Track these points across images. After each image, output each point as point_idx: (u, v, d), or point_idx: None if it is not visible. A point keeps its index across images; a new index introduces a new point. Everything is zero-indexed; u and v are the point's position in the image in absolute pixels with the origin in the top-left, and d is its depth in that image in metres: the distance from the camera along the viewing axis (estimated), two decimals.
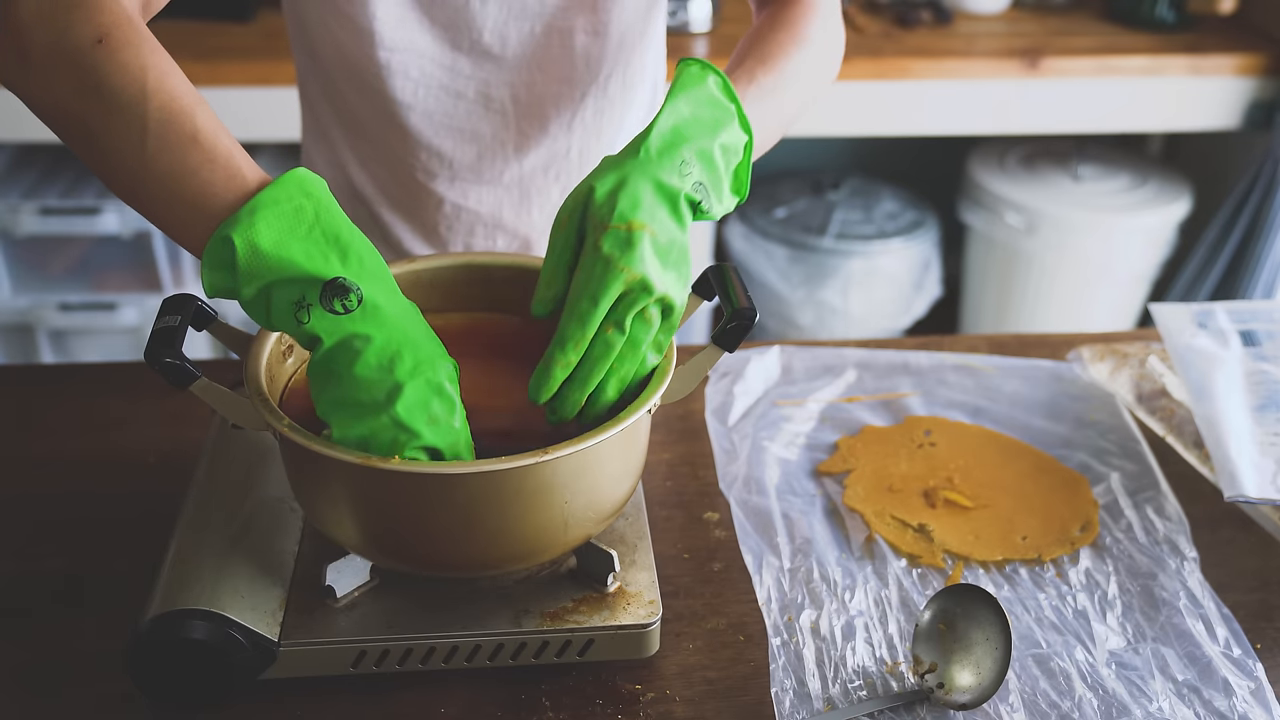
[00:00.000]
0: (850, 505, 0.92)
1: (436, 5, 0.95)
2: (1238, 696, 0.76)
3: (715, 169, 0.74)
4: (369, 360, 0.66)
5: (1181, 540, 0.89)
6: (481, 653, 0.74)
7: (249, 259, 0.64)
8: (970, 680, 0.75)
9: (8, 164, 2.21)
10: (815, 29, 0.87)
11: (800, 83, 0.85)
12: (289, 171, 0.66)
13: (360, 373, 0.65)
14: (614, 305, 0.69)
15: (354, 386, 0.66)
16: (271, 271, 0.64)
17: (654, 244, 0.69)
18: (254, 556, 0.77)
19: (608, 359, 0.71)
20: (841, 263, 2.41)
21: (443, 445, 0.67)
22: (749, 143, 0.76)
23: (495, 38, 0.97)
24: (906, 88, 2.12)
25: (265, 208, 0.64)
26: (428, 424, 0.67)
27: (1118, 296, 2.44)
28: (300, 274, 0.65)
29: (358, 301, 0.65)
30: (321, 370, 0.66)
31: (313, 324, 0.65)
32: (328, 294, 0.65)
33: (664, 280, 0.70)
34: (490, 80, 0.99)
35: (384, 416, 0.66)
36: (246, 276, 0.65)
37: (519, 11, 0.96)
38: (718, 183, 0.74)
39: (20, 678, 0.75)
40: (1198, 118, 2.21)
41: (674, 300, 0.71)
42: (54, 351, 2.22)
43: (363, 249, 0.67)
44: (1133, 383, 1.06)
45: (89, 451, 0.96)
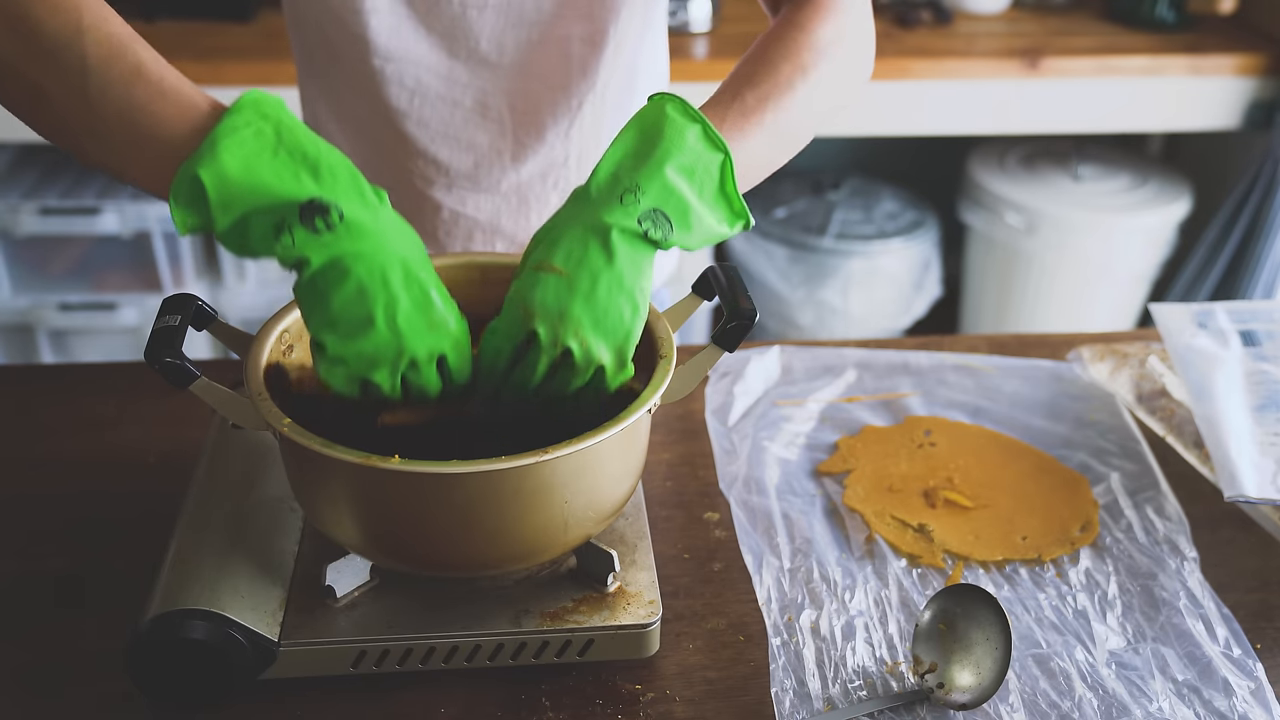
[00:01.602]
0: (850, 505, 0.92)
1: (434, 14, 0.95)
2: (1238, 696, 0.76)
3: (675, 194, 0.70)
4: (360, 276, 0.65)
5: (1181, 540, 0.89)
6: (481, 653, 0.74)
7: (219, 191, 0.63)
8: (970, 680, 0.75)
9: (8, 164, 2.21)
10: (828, 32, 0.82)
11: (803, 96, 0.80)
12: (242, 96, 0.65)
13: (353, 289, 0.65)
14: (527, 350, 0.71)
15: (347, 306, 0.66)
16: (245, 199, 0.64)
17: (561, 281, 0.69)
18: (254, 556, 0.77)
19: (526, 383, 0.71)
20: (841, 263, 2.41)
21: (447, 348, 0.68)
22: (726, 161, 0.72)
23: (493, 45, 0.97)
24: (906, 88, 2.12)
25: (225, 137, 0.63)
26: (428, 330, 0.67)
27: (1118, 296, 2.44)
28: (275, 198, 0.64)
29: (339, 218, 0.65)
30: (311, 291, 0.66)
31: (298, 246, 0.64)
32: (307, 215, 0.64)
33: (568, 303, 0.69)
34: (487, 89, 0.99)
35: (383, 331, 0.66)
36: (220, 208, 0.64)
37: (516, 19, 0.96)
38: (682, 208, 0.70)
39: (21, 678, 0.75)
40: (1198, 118, 2.21)
41: (588, 321, 0.69)
42: (54, 351, 2.22)
43: (334, 162, 0.66)
44: (1133, 383, 1.06)
45: (89, 451, 0.96)
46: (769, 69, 0.79)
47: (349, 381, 0.68)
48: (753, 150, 0.77)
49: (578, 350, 0.69)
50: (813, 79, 0.80)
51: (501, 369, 0.72)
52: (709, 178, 0.72)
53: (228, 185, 0.63)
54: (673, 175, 0.70)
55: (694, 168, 0.71)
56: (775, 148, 0.80)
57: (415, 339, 0.67)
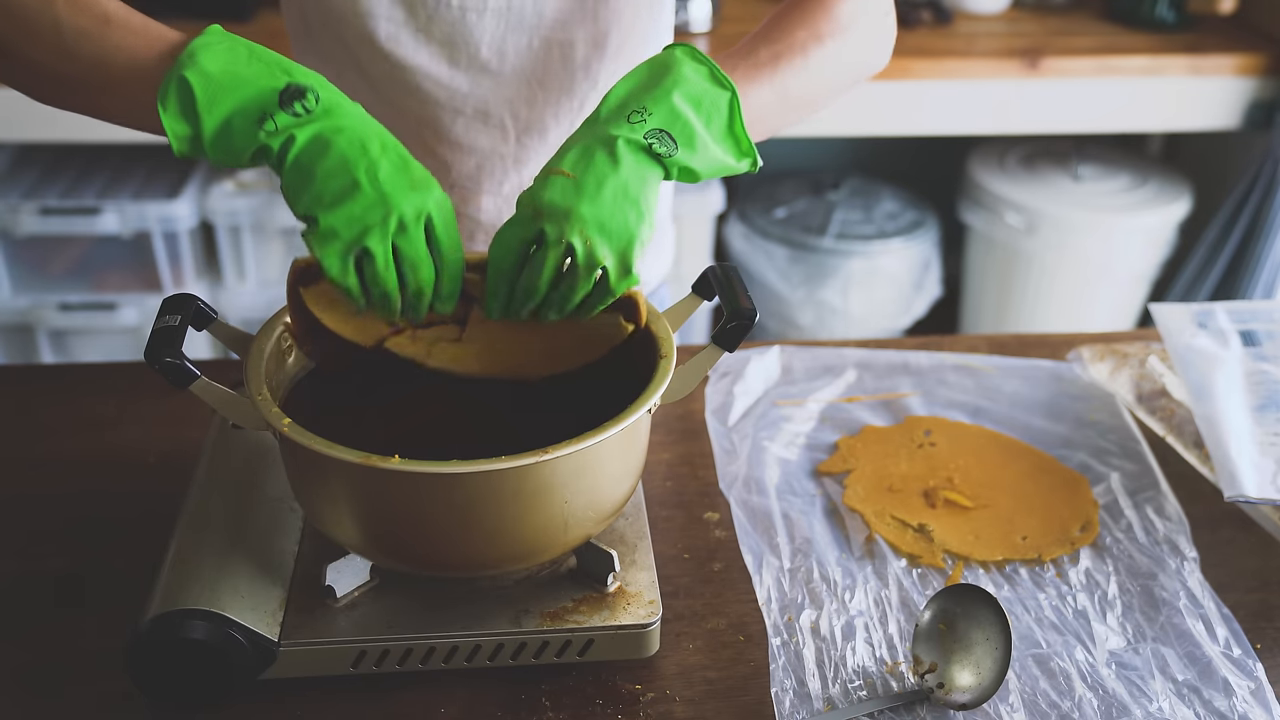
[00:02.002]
0: (850, 505, 0.92)
1: (434, 21, 0.94)
2: (1238, 696, 0.76)
3: (681, 118, 0.74)
4: (341, 147, 0.70)
5: (1181, 540, 0.89)
6: (481, 653, 0.74)
7: (205, 88, 0.69)
8: (970, 680, 0.75)
9: (8, 164, 2.21)
10: (848, 9, 0.86)
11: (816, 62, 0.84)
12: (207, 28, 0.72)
13: (335, 160, 0.69)
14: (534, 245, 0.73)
15: (332, 175, 0.69)
16: (228, 91, 0.69)
17: (568, 182, 0.72)
18: (254, 556, 0.77)
19: (536, 291, 0.74)
20: (841, 263, 2.41)
21: (431, 208, 0.71)
22: (733, 99, 0.76)
23: (493, 52, 0.96)
24: (906, 88, 2.12)
25: (202, 49, 0.70)
26: (411, 188, 0.70)
27: (1118, 296, 2.44)
28: (256, 89, 0.70)
29: (316, 100, 0.70)
30: (297, 171, 0.70)
31: (282, 129, 0.69)
32: (287, 99, 0.70)
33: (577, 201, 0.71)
34: (488, 98, 0.98)
35: (368, 191, 0.69)
36: (206, 106, 0.69)
37: (516, 24, 0.95)
38: (689, 132, 0.74)
39: (21, 677, 0.75)
40: (1198, 118, 2.21)
41: (594, 219, 0.71)
42: (54, 351, 2.22)
43: (302, 67, 0.72)
44: (1133, 383, 1.06)
45: (89, 451, 0.96)
46: (784, 33, 0.85)
47: (344, 259, 0.70)
48: (761, 100, 0.82)
49: (580, 247, 0.71)
50: (829, 48, 0.85)
51: (510, 269, 0.74)
52: (717, 113, 0.76)
53: (211, 82, 0.69)
54: (679, 102, 0.74)
55: (701, 99, 0.75)
56: (784, 105, 0.85)
57: (399, 197, 0.70)
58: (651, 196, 0.74)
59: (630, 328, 0.79)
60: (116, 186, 2.16)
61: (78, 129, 2.00)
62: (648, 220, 0.73)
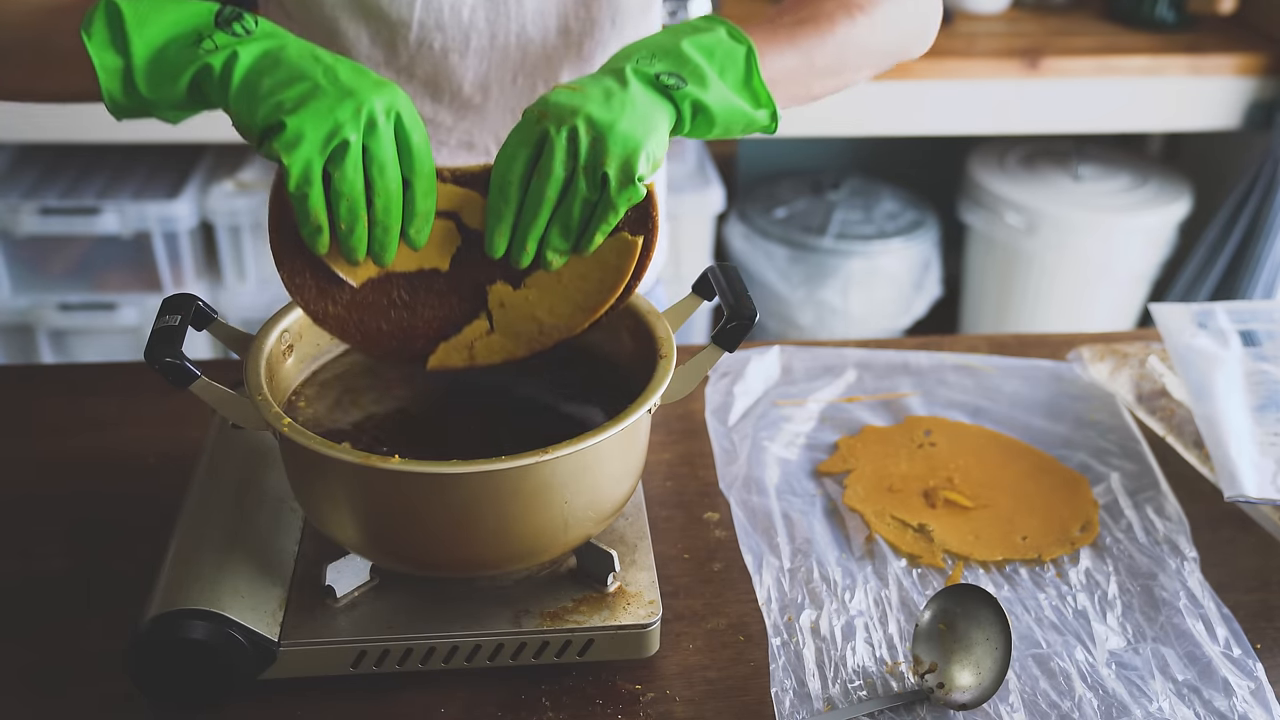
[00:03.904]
0: (850, 505, 0.92)
1: (416, 62, 0.94)
2: (1238, 696, 0.76)
3: (691, 61, 0.72)
4: (292, 58, 0.68)
5: (1181, 540, 0.89)
6: (481, 653, 0.74)
7: (133, 10, 0.67)
8: (970, 680, 0.75)
9: (8, 164, 2.21)
10: None
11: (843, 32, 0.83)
12: None
13: (288, 71, 0.67)
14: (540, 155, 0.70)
15: (287, 84, 0.67)
16: (159, 11, 0.67)
17: (575, 91, 0.70)
18: (254, 556, 0.77)
19: (544, 200, 0.70)
20: (841, 263, 2.41)
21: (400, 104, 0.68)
22: (750, 53, 0.74)
23: (476, 89, 0.95)
24: (906, 88, 2.12)
25: None
26: (374, 86, 0.67)
27: (1118, 296, 2.44)
28: (189, 11, 0.68)
29: (255, 23, 0.68)
30: (246, 91, 0.67)
31: (222, 47, 0.67)
32: (223, 21, 0.68)
33: (583, 102, 0.69)
34: (473, 129, 0.98)
35: (330, 88, 0.66)
36: (136, 27, 0.67)
37: (500, 62, 0.94)
38: (699, 73, 0.72)
39: (22, 678, 0.75)
40: (1198, 118, 2.21)
41: (599, 118, 0.69)
42: (54, 351, 2.22)
43: None
44: (1133, 383, 1.06)
45: (89, 451, 0.96)
46: (814, 5, 0.83)
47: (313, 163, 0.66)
48: (783, 64, 0.79)
49: (584, 138, 0.68)
50: (860, 21, 0.84)
51: (516, 180, 0.70)
52: (732, 64, 0.74)
53: (140, 3, 0.67)
54: (689, 48, 0.73)
55: (713, 49, 0.73)
56: (809, 72, 0.82)
57: (365, 91, 0.67)
58: (661, 123, 0.71)
59: (639, 240, 0.74)
60: (116, 186, 2.16)
61: (78, 129, 2.00)
62: (656, 137, 0.70)
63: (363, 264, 0.73)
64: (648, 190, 0.72)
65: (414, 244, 0.72)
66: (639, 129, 0.69)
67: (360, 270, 0.74)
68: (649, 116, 0.70)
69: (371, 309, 0.76)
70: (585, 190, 0.70)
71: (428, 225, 0.72)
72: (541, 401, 0.81)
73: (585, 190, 0.70)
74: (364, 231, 0.70)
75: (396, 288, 0.76)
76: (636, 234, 0.74)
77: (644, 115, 0.70)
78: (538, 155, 0.70)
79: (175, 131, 2.01)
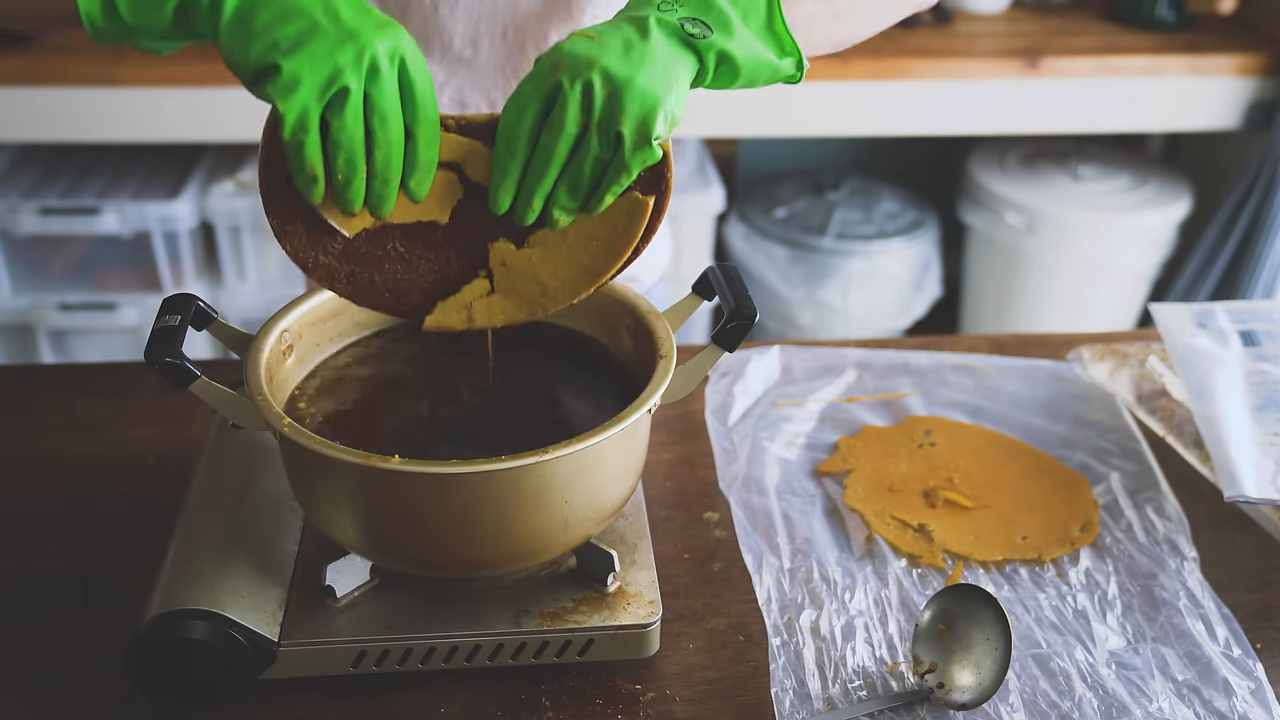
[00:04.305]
0: (850, 505, 0.92)
1: (407, 15, 0.94)
2: (1238, 696, 0.76)
3: (714, 6, 0.69)
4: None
5: (1181, 540, 0.89)
6: (481, 653, 0.74)
7: None
8: (970, 680, 0.75)
9: (8, 164, 2.21)
10: None
11: None
12: None
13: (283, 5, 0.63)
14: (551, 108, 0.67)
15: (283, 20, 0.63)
16: None
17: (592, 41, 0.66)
18: (254, 556, 0.77)
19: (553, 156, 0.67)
20: (841, 263, 2.41)
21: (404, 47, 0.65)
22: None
23: (466, 43, 0.96)
24: (906, 88, 2.12)
25: None
26: (377, 27, 0.64)
27: (1118, 296, 2.44)
28: None
29: None
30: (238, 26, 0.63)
31: None
32: None
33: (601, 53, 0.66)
34: (464, 86, 0.98)
35: (330, 28, 0.63)
36: None
37: (489, 15, 0.94)
38: (724, 19, 0.69)
39: (22, 677, 0.75)
40: (1198, 118, 2.21)
41: (616, 72, 0.65)
42: (54, 351, 2.22)
43: None
44: (1133, 383, 1.06)
45: (89, 451, 0.96)
46: None
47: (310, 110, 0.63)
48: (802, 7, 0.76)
49: (599, 92, 0.65)
50: None
51: (526, 132, 0.67)
52: (754, 8, 0.71)
53: None
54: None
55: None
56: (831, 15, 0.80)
57: (368, 34, 0.63)
58: (682, 77, 0.68)
59: (650, 200, 0.71)
60: (116, 186, 2.16)
61: (78, 129, 2.00)
62: (676, 93, 0.67)
63: (358, 214, 0.70)
64: (663, 150, 0.69)
65: (414, 196, 0.70)
66: (658, 85, 0.66)
67: (355, 220, 0.71)
68: (670, 70, 0.67)
69: (364, 260, 0.73)
70: (598, 148, 0.67)
71: (429, 177, 0.69)
72: (541, 401, 0.81)
73: (598, 148, 0.67)
74: (362, 183, 0.67)
75: (392, 239, 0.73)
76: (648, 194, 0.71)
77: (665, 69, 0.67)
78: (549, 108, 0.67)
79: (175, 131, 2.01)
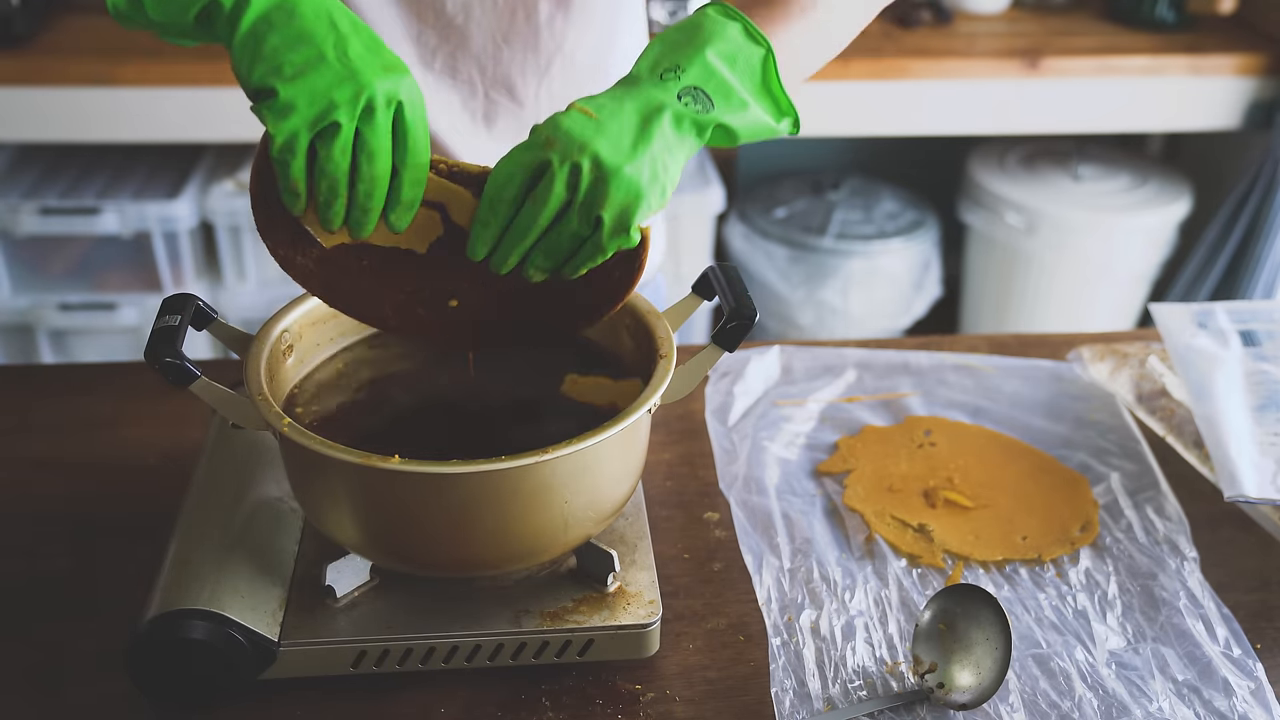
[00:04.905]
0: (850, 505, 0.92)
1: None
2: (1238, 696, 0.76)
3: (717, 75, 0.71)
4: (306, 17, 0.65)
5: (1181, 540, 0.89)
6: (481, 653, 0.74)
7: None
8: (970, 680, 0.75)
9: (8, 164, 2.21)
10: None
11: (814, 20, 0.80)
12: None
13: (298, 29, 0.64)
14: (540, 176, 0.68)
15: (293, 45, 0.64)
16: None
17: (590, 120, 0.67)
18: (254, 556, 0.77)
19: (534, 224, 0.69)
20: (841, 263, 2.41)
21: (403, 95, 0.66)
22: (768, 56, 0.73)
23: (458, 8, 0.96)
24: (906, 88, 2.12)
25: None
26: (383, 70, 0.65)
27: (1118, 296, 2.44)
28: None
29: None
30: (252, 41, 0.65)
31: None
32: None
33: (592, 137, 0.67)
34: (456, 52, 0.98)
35: (336, 64, 0.64)
36: None
37: None
38: (725, 89, 0.71)
39: (22, 677, 0.75)
40: (1198, 118, 2.21)
41: (606, 159, 0.67)
42: (54, 351, 2.22)
43: None
44: (1133, 383, 1.06)
45: (89, 451, 0.96)
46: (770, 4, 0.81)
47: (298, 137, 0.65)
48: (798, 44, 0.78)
49: (586, 174, 0.67)
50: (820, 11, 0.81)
51: (511, 198, 0.69)
52: (750, 71, 0.72)
53: None
54: (714, 59, 0.71)
55: (735, 56, 0.72)
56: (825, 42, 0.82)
57: (370, 75, 0.65)
58: (674, 166, 0.70)
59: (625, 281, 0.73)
60: (116, 186, 2.16)
61: (78, 129, 2.00)
62: (660, 186, 0.69)
63: (337, 232, 0.72)
64: (642, 234, 0.71)
65: (393, 228, 0.71)
66: (644, 175, 0.68)
67: (334, 236, 0.73)
68: (663, 159, 0.69)
69: (340, 270, 0.74)
70: (577, 226, 0.69)
71: (410, 214, 0.71)
72: (541, 401, 0.81)
73: (577, 226, 0.69)
74: (343, 207, 0.68)
75: (368, 256, 0.74)
76: (622, 272, 0.73)
77: (658, 159, 0.69)
78: (537, 179, 0.69)
79: (175, 131, 2.01)
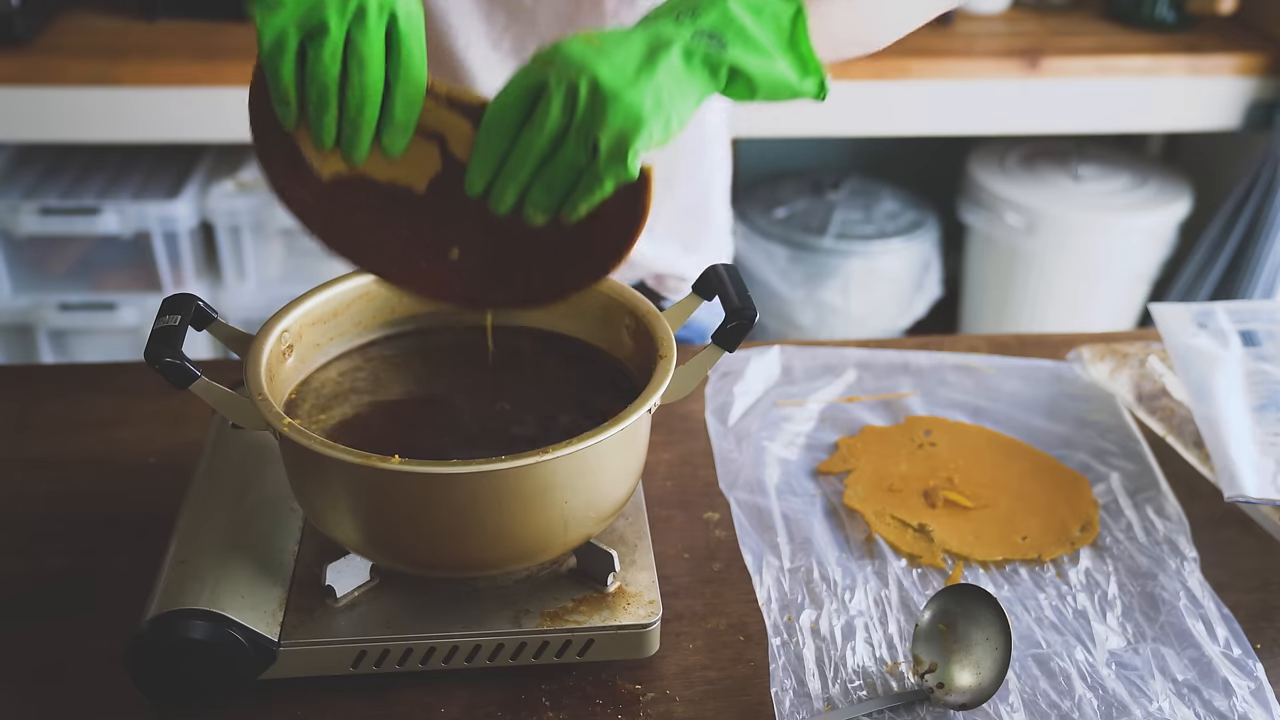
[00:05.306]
0: (850, 505, 0.92)
1: None
2: (1238, 696, 0.76)
3: (735, 22, 0.66)
4: None
5: (1181, 540, 0.89)
6: (481, 653, 0.74)
7: None
8: (970, 680, 0.75)
9: (8, 164, 2.21)
10: None
11: None
12: None
13: None
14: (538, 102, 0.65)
15: None
16: None
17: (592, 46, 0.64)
18: (254, 556, 0.77)
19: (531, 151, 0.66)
20: (841, 263, 2.41)
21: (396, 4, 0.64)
22: (799, 14, 0.68)
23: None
24: (906, 88, 2.12)
25: None
26: None
27: (1118, 296, 2.44)
28: None
29: None
30: None
31: None
32: None
33: (595, 59, 0.63)
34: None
35: None
36: None
37: None
38: (744, 36, 0.66)
39: (22, 677, 0.75)
40: (1198, 118, 2.21)
41: (605, 81, 0.63)
42: (54, 351, 2.22)
43: None
44: (1133, 383, 1.06)
45: (89, 451, 0.96)
46: None
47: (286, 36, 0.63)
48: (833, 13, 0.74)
49: (583, 95, 0.63)
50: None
51: (509, 123, 0.66)
52: (777, 25, 0.68)
53: None
54: (735, 7, 0.67)
55: (761, 8, 0.68)
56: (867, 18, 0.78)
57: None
58: (681, 102, 0.65)
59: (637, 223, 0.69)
60: (116, 186, 2.16)
61: (78, 129, 2.00)
62: (664, 117, 0.64)
63: (332, 155, 0.70)
64: (644, 173, 0.67)
65: (388, 152, 0.69)
66: (647, 102, 0.63)
67: (329, 162, 0.71)
68: (669, 91, 0.64)
69: (337, 205, 0.72)
70: (572, 152, 0.65)
71: (404, 136, 0.68)
72: (541, 401, 0.81)
73: (572, 152, 0.65)
74: (333, 120, 0.66)
75: (366, 192, 0.72)
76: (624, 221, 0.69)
77: (663, 91, 0.64)
78: (535, 103, 0.65)
79: (175, 131, 2.01)
